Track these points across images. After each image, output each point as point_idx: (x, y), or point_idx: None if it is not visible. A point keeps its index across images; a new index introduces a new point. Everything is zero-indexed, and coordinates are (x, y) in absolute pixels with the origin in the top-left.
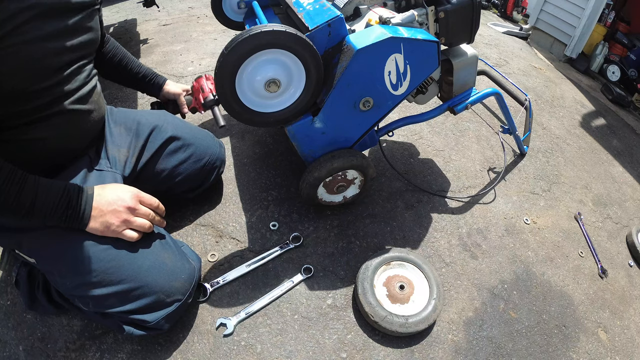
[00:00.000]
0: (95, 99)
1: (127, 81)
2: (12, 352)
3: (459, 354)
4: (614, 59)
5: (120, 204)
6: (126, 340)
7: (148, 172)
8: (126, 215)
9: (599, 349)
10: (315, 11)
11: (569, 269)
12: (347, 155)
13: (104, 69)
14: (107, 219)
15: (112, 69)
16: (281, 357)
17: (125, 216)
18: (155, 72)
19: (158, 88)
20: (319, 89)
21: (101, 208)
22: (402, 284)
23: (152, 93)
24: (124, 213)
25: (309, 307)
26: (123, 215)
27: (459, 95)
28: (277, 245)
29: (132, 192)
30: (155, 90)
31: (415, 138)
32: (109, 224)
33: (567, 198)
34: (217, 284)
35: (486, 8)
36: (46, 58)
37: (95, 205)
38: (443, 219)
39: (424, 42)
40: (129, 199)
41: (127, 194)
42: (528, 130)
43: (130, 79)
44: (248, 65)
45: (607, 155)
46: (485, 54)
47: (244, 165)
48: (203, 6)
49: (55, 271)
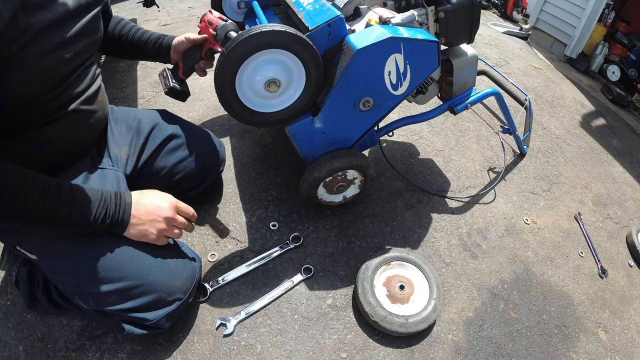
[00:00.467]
0: (101, 99)
1: (135, 55)
2: (12, 352)
3: (459, 354)
4: (614, 59)
5: (159, 214)
6: (126, 340)
7: (148, 169)
8: (164, 226)
9: (599, 349)
10: (315, 11)
11: (569, 269)
12: (347, 155)
13: (110, 47)
14: (146, 228)
15: (118, 45)
16: (281, 357)
17: (164, 226)
18: (162, 34)
19: (167, 50)
20: (319, 89)
21: (140, 217)
22: (402, 284)
23: (163, 59)
24: (162, 223)
25: (309, 307)
26: (161, 225)
27: (459, 95)
28: (277, 245)
29: (170, 202)
30: (166, 54)
31: (415, 138)
32: (147, 233)
33: (567, 198)
34: (217, 284)
35: (486, 8)
36: (59, 66)
37: (134, 213)
38: (443, 219)
39: (424, 42)
40: (168, 210)
41: (166, 204)
42: (528, 130)
43: (138, 52)
44: (248, 65)
45: (607, 155)
46: (485, 54)
47: (244, 165)
48: (203, 6)
49: (56, 268)
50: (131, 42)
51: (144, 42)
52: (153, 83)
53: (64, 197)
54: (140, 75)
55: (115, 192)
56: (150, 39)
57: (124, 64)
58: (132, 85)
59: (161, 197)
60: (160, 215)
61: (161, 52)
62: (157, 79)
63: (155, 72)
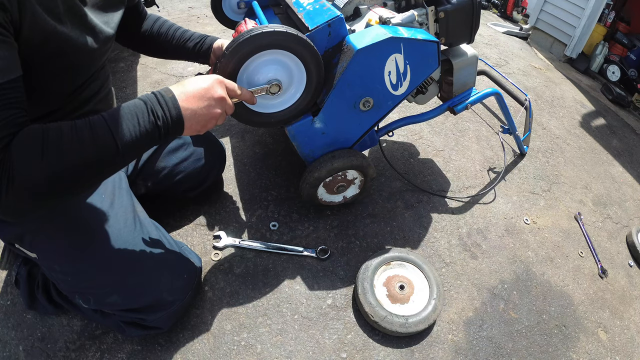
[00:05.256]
0: (110, 101)
1: (174, 54)
2: (12, 352)
3: (459, 354)
4: (614, 59)
5: (211, 95)
6: (126, 340)
7: (149, 169)
8: (219, 109)
9: (599, 349)
10: (315, 11)
11: (569, 269)
12: (347, 155)
13: (147, 46)
14: (204, 113)
15: (157, 44)
16: (281, 357)
17: (219, 110)
18: (204, 35)
19: (208, 52)
20: (320, 89)
21: (192, 108)
22: (402, 284)
23: (203, 60)
24: (216, 107)
25: (309, 307)
26: (217, 109)
27: (459, 95)
28: (304, 247)
29: (215, 79)
30: (206, 55)
31: (415, 138)
32: (206, 122)
33: (567, 198)
34: (233, 243)
35: (486, 8)
36: (93, 62)
37: (184, 105)
38: (443, 219)
39: (424, 42)
40: (218, 87)
41: (212, 82)
42: (528, 130)
43: (177, 51)
44: (249, 66)
45: (607, 155)
46: (485, 54)
47: (244, 165)
48: (203, 6)
49: (57, 266)
50: (170, 41)
51: (184, 41)
52: (153, 83)
53: (96, 123)
54: (140, 75)
55: (153, 92)
56: (192, 38)
57: (124, 64)
58: (132, 85)
59: (204, 77)
60: (212, 96)
61: (202, 52)
62: (157, 78)
63: (155, 72)
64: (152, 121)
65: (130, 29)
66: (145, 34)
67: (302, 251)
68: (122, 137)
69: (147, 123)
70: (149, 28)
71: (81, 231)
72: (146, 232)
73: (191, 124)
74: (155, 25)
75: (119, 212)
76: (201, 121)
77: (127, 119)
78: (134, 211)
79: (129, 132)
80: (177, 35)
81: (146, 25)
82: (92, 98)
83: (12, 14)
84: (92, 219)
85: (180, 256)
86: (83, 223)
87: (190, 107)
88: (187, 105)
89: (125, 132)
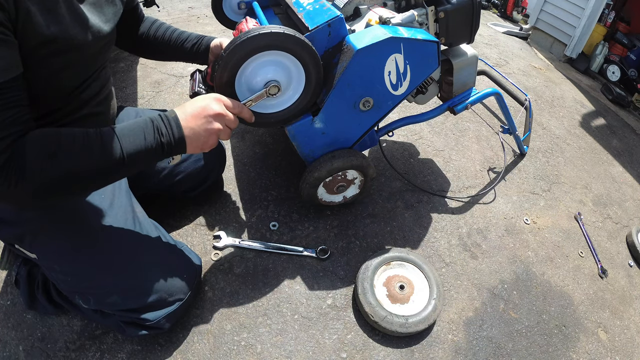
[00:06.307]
0: (111, 102)
1: (172, 56)
2: (12, 352)
3: (459, 354)
4: (614, 59)
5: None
6: (126, 340)
7: (149, 170)
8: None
9: (599, 349)
10: (315, 11)
11: (569, 269)
12: (347, 155)
13: (144, 48)
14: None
15: (154, 47)
16: (281, 357)
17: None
18: (201, 35)
19: (206, 52)
20: (319, 89)
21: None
22: (402, 284)
23: (202, 60)
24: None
25: (309, 307)
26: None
27: (459, 95)
28: (304, 247)
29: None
30: (204, 55)
31: (415, 138)
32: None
33: (567, 198)
34: (233, 242)
35: (486, 8)
36: (95, 60)
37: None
38: (443, 219)
39: (424, 42)
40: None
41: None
42: (528, 130)
43: (175, 53)
44: (247, 67)
45: (607, 155)
46: (485, 54)
47: (244, 165)
48: (203, 6)
49: (57, 266)
50: (168, 43)
51: (181, 42)
52: (153, 83)
53: (106, 134)
54: (140, 75)
55: (158, 113)
56: (189, 39)
57: (124, 64)
58: (132, 85)
59: (202, 97)
60: (209, 113)
61: (200, 53)
62: (157, 78)
63: (155, 72)
64: (156, 138)
65: (128, 32)
66: (142, 36)
67: (302, 251)
68: (128, 149)
69: (152, 139)
70: (146, 31)
71: (81, 232)
72: (146, 232)
73: (192, 141)
74: (152, 28)
75: (118, 212)
76: (201, 137)
77: (135, 134)
78: (133, 211)
79: (135, 146)
80: (175, 37)
81: (143, 28)
82: (93, 99)
83: (9, 12)
84: (92, 219)
85: (180, 256)
86: (83, 223)
87: (189, 126)
88: (188, 124)
89: (132, 145)
